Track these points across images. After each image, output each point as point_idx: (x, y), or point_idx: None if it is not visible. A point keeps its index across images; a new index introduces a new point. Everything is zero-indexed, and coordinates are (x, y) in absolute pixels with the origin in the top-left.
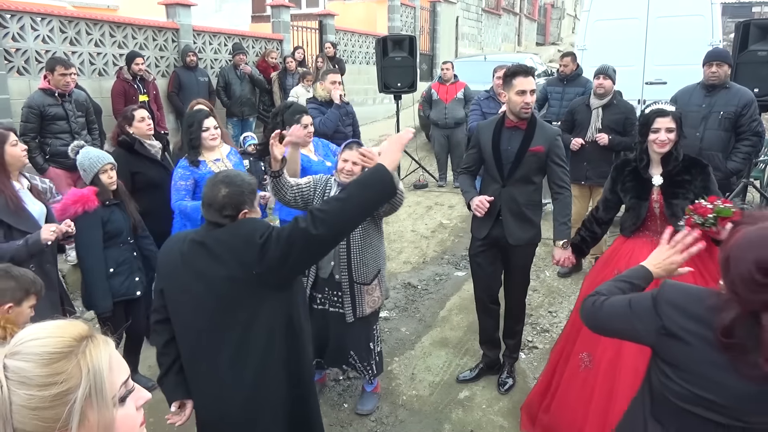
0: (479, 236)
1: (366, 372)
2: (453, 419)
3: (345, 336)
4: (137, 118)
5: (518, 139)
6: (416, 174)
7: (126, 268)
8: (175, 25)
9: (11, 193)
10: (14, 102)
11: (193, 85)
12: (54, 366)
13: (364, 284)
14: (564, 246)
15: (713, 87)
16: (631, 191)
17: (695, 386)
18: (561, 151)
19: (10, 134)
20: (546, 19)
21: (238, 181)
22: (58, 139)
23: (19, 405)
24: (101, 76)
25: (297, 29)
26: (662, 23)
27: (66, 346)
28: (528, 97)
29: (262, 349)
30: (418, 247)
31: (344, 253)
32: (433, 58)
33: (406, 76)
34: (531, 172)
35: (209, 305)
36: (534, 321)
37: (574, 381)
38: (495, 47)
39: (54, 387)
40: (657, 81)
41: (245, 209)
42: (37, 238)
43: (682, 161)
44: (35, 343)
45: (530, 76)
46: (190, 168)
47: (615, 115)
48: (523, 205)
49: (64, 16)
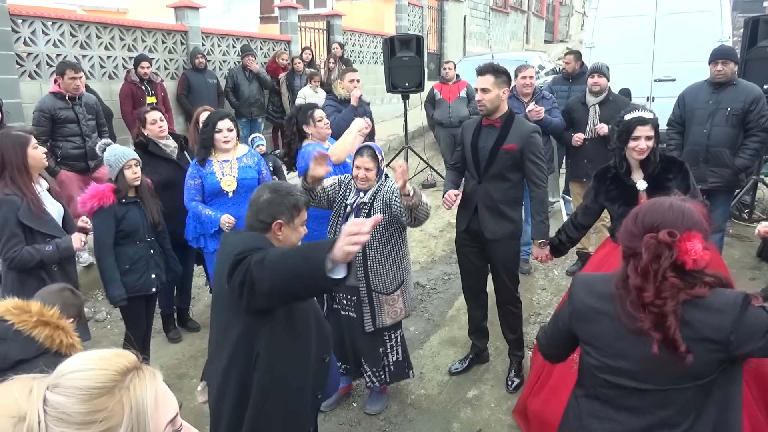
0: (460, 229)
1: (377, 379)
2: (461, 418)
3: (356, 341)
4: (149, 121)
5: (493, 137)
6: (424, 173)
7: (141, 266)
8: (183, 28)
9: (33, 196)
10: (26, 106)
11: (202, 87)
12: (95, 402)
13: (384, 294)
14: (541, 245)
15: (720, 84)
16: (618, 199)
17: (608, 357)
18: (536, 147)
19: (31, 137)
20: (554, 17)
21: (283, 192)
22: (68, 142)
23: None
24: (111, 79)
25: (305, 30)
26: (671, 20)
27: (109, 380)
28: (479, 94)
29: (222, 370)
30: (426, 247)
31: (360, 259)
32: (441, 58)
33: (413, 75)
34: (505, 170)
35: (214, 300)
36: (543, 320)
37: (565, 380)
38: (503, 45)
39: (93, 426)
40: (666, 78)
41: (280, 220)
42: (68, 245)
43: (660, 162)
44: (77, 375)
45: (488, 74)
46: (197, 167)
47: (612, 110)
48: (499, 201)
49: (74, 20)
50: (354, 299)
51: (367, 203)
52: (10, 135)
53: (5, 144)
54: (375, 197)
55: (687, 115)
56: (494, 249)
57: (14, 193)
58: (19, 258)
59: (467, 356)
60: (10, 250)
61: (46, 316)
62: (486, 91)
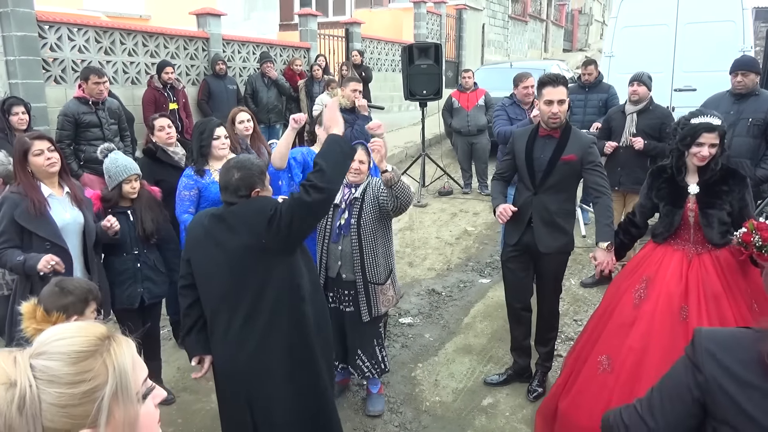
0: (511, 242)
1: (373, 370)
2: (476, 426)
3: (354, 334)
4: (157, 128)
5: (551, 148)
6: (441, 181)
7: (126, 278)
8: (205, 35)
9: (36, 198)
10: (51, 110)
11: (222, 93)
12: (82, 364)
13: (378, 284)
14: (609, 248)
15: (741, 95)
16: (665, 198)
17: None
18: (595, 158)
19: (33, 143)
20: (573, 26)
21: (248, 165)
22: (91, 145)
23: (49, 403)
24: (134, 85)
25: (324, 37)
26: (692, 29)
27: (92, 344)
28: (555, 107)
29: (268, 315)
30: (442, 254)
31: (357, 254)
32: (459, 66)
33: (431, 83)
34: (563, 181)
35: (226, 272)
36: (559, 330)
37: (590, 382)
38: (521, 54)
39: (83, 384)
40: (686, 87)
41: (257, 188)
42: (34, 264)
43: (719, 170)
44: (61, 342)
45: (560, 85)
46: (194, 177)
47: (651, 120)
48: (555, 213)
49: (99, 26)
50: (352, 293)
51: (359, 198)
52: (18, 140)
53: (14, 148)
54: (365, 193)
55: None
56: (545, 262)
57: (17, 192)
58: (1, 256)
59: (506, 371)
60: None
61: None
62: (562, 102)
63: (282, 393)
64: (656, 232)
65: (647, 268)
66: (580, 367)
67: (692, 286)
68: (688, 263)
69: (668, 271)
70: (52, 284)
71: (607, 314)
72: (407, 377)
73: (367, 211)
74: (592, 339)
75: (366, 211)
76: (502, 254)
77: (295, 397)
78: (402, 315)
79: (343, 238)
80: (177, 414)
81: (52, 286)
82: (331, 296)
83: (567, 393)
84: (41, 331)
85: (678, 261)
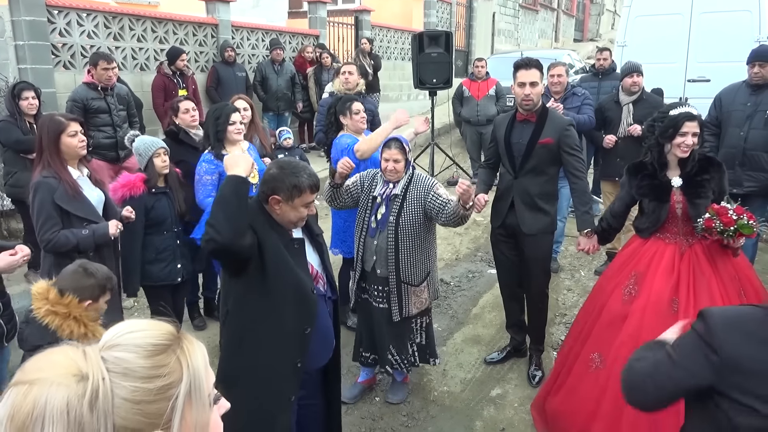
0: (495, 225)
1: (402, 365)
2: (484, 416)
3: (384, 330)
4: (182, 110)
5: (528, 132)
6: (450, 170)
7: (167, 255)
8: (214, 21)
9: (69, 179)
10: (60, 95)
11: (231, 80)
12: (157, 358)
13: (413, 285)
14: (588, 234)
15: (759, 86)
16: (649, 194)
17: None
18: (572, 140)
19: (70, 124)
20: (584, 15)
21: (288, 171)
22: (100, 131)
23: (123, 398)
24: (143, 71)
25: (333, 25)
26: (706, 19)
27: (166, 339)
28: (527, 89)
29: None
30: (451, 244)
31: (392, 251)
32: (469, 55)
33: (441, 72)
34: (542, 164)
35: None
36: (568, 320)
37: (584, 379)
38: (532, 43)
39: (158, 380)
40: (700, 78)
41: (277, 196)
42: (105, 231)
43: (697, 161)
44: (135, 335)
45: (533, 68)
46: (215, 162)
47: (646, 109)
48: (536, 195)
49: (108, 11)
50: (385, 290)
51: (399, 195)
52: (50, 119)
53: (43, 127)
54: (407, 189)
55: (723, 117)
56: (529, 243)
57: (51, 176)
58: (56, 241)
59: (505, 348)
60: (47, 232)
61: (57, 305)
62: (535, 84)
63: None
64: (642, 227)
65: (637, 264)
66: (571, 365)
67: (683, 279)
68: (680, 256)
69: (660, 265)
70: (77, 264)
71: (596, 311)
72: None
73: (408, 210)
74: (582, 336)
75: (407, 210)
76: (491, 237)
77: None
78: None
79: (379, 233)
80: None
81: (75, 266)
82: (366, 288)
83: (558, 390)
84: (54, 312)
85: (670, 255)
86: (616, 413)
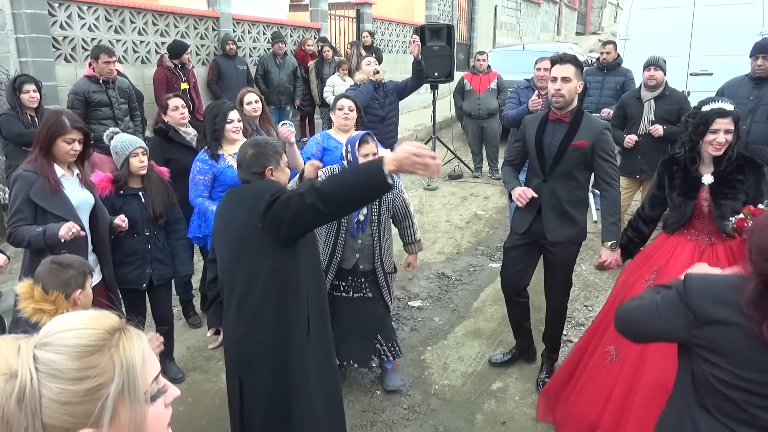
0: (518, 231)
1: (391, 353)
2: (485, 410)
3: (373, 320)
4: (171, 107)
5: (561, 133)
6: (451, 164)
7: (135, 259)
8: (215, 14)
9: (51, 176)
10: (61, 89)
11: (233, 74)
12: (87, 359)
13: (391, 273)
14: (612, 247)
15: (761, 79)
16: (678, 188)
17: (739, 368)
18: (608, 145)
19: (72, 131)
20: (587, 8)
21: (263, 143)
22: (101, 125)
23: (50, 399)
24: (144, 64)
25: (334, 18)
26: (710, 12)
27: (100, 338)
28: (559, 83)
29: (256, 304)
30: (452, 238)
31: (377, 248)
32: (470, 48)
33: (443, 65)
34: (574, 168)
35: (227, 250)
36: (569, 315)
37: (597, 373)
38: (534, 37)
39: (87, 381)
40: (703, 72)
41: (270, 166)
42: (55, 232)
43: (735, 160)
44: (68, 334)
45: (567, 63)
46: (209, 162)
47: (668, 105)
48: (565, 201)
49: (109, 4)
50: (368, 281)
51: None
52: (56, 117)
53: (47, 122)
54: None
55: None
56: (554, 252)
57: (33, 171)
58: (15, 234)
59: (511, 350)
60: (11, 225)
61: (43, 303)
62: (567, 80)
63: (263, 388)
64: (668, 222)
65: (658, 259)
66: (589, 359)
67: None
68: (701, 253)
69: (679, 260)
70: (48, 262)
71: (618, 304)
72: (416, 360)
73: (387, 207)
74: (600, 329)
75: (385, 207)
76: (507, 241)
77: (273, 398)
78: (411, 298)
79: (362, 233)
80: (187, 393)
81: (48, 264)
82: (342, 285)
83: (574, 384)
84: (40, 310)
85: (690, 251)
86: (620, 411)
